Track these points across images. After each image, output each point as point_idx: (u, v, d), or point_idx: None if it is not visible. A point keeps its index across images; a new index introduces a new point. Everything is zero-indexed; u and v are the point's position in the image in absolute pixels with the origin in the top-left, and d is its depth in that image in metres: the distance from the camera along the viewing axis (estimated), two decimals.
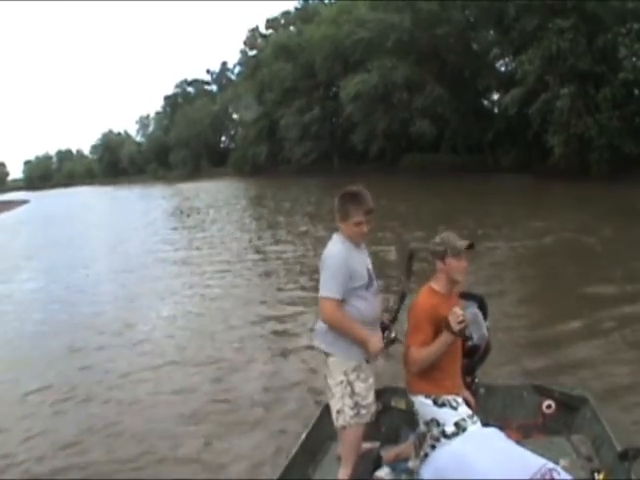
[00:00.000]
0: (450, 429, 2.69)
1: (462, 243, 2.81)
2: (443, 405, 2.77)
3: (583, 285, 7.87)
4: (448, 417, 2.73)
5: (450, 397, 2.79)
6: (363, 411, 2.87)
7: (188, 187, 48.96)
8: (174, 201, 35.95)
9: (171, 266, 13.06)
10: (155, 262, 13.79)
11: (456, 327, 2.62)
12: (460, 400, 2.81)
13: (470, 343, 2.70)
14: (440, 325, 2.68)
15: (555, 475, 2.16)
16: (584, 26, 20.59)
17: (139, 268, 13.15)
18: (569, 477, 2.21)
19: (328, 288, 2.78)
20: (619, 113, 20.00)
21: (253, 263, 12.59)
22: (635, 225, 12.01)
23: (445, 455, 2.54)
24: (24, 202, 56.37)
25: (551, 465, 2.22)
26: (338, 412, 2.89)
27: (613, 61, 20.26)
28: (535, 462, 2.25)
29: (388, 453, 3.17)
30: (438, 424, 2.75)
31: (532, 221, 13.67)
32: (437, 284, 2.85)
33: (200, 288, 10.41)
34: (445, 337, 2.67)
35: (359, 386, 2.86)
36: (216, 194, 37.77)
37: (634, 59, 19.50)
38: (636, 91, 21.44)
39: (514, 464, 2.26)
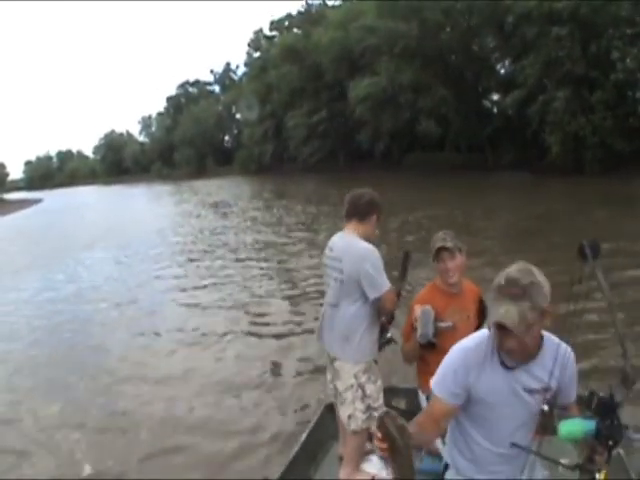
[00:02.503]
0: None
1: (437, 244, 2.75)
2: None
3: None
4: None
5: None
6: (375, 414, 2.79)
7: (200, 185, 49.88)
8: (198, 197, 36.82)
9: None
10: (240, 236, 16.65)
11: (414, 324, 2.70)
12: None
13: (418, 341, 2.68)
14: None
15: None
16: (579, 33, 22.12)
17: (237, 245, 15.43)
18: None
19: (385, 282, 2.75)
20: (612, 114, 21.52)
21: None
22: (623, 211, 13.74)
23: None
24: (38, 201, 56.83)
25: None
26: (350, 417, 2.84)
27: (607, 66, 21.65)
28: None
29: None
30: None
31: (528, 207, 15.39)
32: (439, 282, 2.86)
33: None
34: (413, 334, 2.73)
35: (370, 388, 2.83)
36: (233, 190, 39.05)
37: (628, 60, 20.88)
38: (629, 93, 23.02)
39: None
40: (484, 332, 1.81)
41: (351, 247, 2.78)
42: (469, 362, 1.76)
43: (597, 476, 1.88)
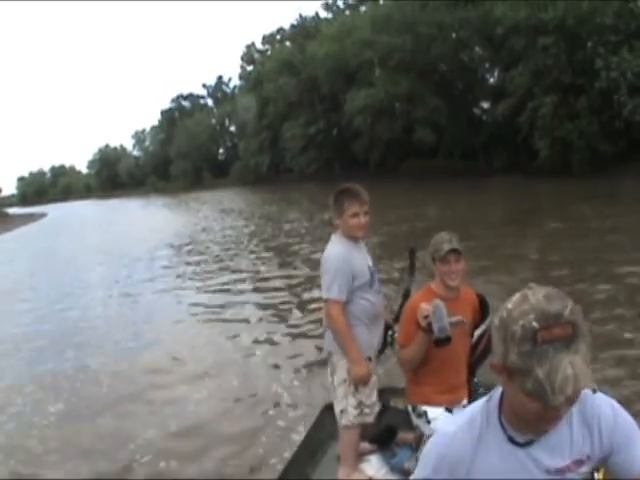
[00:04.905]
0: (427, 440, 2.52)
1: (446, 246, 2.62)
2: (420, 416, 2.76)
3: (573, 257, 9.08)
4: (424, 429, 2.73)
5: (428, 408, 2.72)
6: (367, 410, 2.85)
7: (203, 196, 50.03)
8: (208, 206, 37.08)
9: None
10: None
11: (422, 322, 2.53)
12: (438, 413, 2.67)
13: (432, 337, 2.48)
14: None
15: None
16: (565, 43, 23.37)
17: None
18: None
19: (332, 290, 2.75)
20: (597, 119, 22.74)
21: None
22: (605, 204, 15.08)
23: None
24: (43, 215, 57.00)
25: None
26: (342, 412, 2.86)
27: (591, 74, 22.77)
28: None
29: (404, 436, 3.14)
30: (421, 431, 2.78)
31: (519, 204, 16.70)
32: (436, 285, 2.73)
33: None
34: (419, 335, 2.58)
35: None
36: (240, 199, 39.72)
37: (613, 66, 21.94)
38: (615, 96, 24.23)
39: None
40: (473, 407, 1.34)
41: (326, 248, 2.90)
42: (455, 451, 1.27)
43: (596, 475, 1.79)
